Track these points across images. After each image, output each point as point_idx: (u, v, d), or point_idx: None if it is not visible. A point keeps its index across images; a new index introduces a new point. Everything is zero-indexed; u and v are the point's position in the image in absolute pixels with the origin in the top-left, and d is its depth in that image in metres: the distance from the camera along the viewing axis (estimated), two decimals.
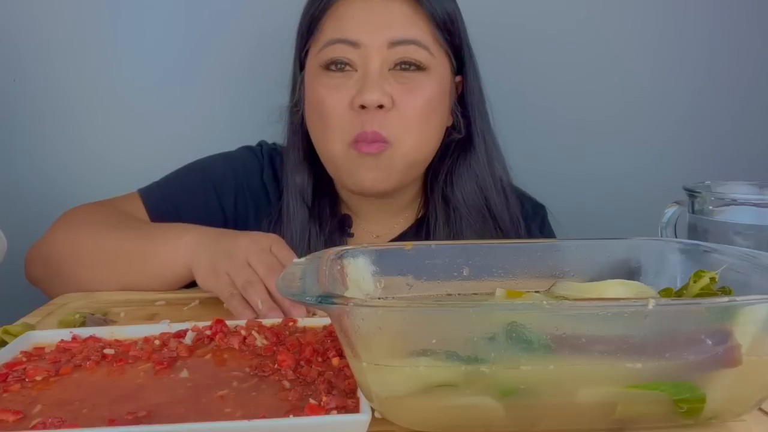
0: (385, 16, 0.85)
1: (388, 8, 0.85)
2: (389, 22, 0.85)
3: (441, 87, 0.88)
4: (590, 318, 0.41)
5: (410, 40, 0.84)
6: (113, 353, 0.54)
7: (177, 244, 0.77)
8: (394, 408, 0.43)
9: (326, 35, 0.86)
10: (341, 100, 0.84)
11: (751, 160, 1.33)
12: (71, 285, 0.81)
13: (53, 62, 1.23)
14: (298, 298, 0.41)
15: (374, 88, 0.82)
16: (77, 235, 0.84)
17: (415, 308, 0.42)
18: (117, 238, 0.82)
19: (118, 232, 0.83)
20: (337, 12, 0.86)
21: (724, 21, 1.33)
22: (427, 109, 0.86)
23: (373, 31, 0.84)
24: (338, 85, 0.85)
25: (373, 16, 0.85)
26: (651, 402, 0.42)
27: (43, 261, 0.86)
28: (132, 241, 0.81)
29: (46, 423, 0.42)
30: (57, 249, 0.84)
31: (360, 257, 0.55)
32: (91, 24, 1.23)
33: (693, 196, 0.75)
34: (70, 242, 0.84)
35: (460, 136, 0.93)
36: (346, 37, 0.84)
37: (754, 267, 0.49)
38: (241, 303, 0.68)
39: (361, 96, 0.82)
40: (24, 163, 1.24)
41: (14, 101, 1.23)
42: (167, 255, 0.77)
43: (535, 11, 1.28)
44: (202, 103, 1.27)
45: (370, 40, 0.84)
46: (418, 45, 0.85)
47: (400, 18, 0.85)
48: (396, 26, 0.84)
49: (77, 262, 0.82)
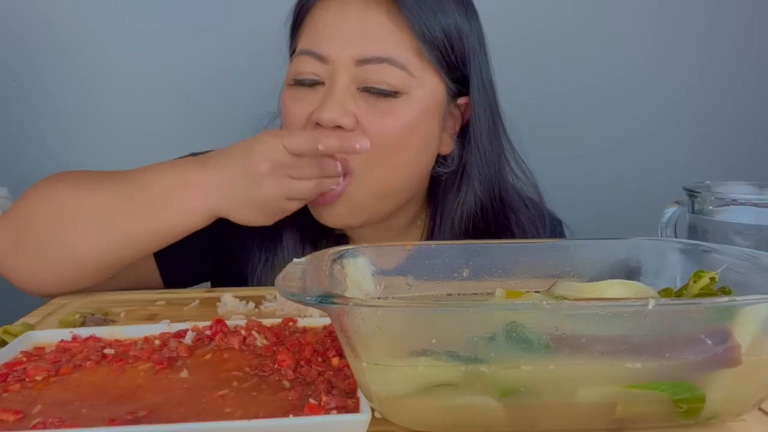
0: (358, 27, 0.75)
1: (364, 17, 0.75)
2: (361, 35, 0.75)
3: (424, 112, 0.77)
4: (590, 318, 0.41)
5: (382, 58, 0.74)
6: (113, 353, 0.54)
7: (187, 197, 0.70)
8: (394, 408, 0.43)
9: (301, 43, 0.80)
10: (299, 114, 0.77)
11: (751, 160, 1.33)
12: (52, 252, 0.71)
13: (53, 62, 1.23)
14: (298, 298, 0.41)
15: (333, 106, 0.73)
16: (58, 193, 0.73)
17: (415, 308, 0.42)
18: (107, 190, 0.72)
19: (107, 186, 0.73)
20: (314, 17, 0.79)
21: (724, 21, 1.33)
22: (399, 135, 0.76)
23: (342, 44, 0.75)
24: (301, 97, 0.78)
25: (345, 27, 0.76)
26: (651, 402, 0.42)
27: (14, 229, 0.73)
28: (125, 197, 0.71)
29: (46, 423, 0.42)
30: (33, 212, 0.72)
31: (360, 257, 0.55)
32: (91, 25, 1.23)
33: (693, 196, 0.75)
34: (49, 202, 0.72)
35: (450, 168, 0.83)
36: (314, 50, 0.77)
37: (754, 267, 0.49)
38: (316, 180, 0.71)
39: (318, 113, 0.74)
40: (24, 163, 1.24)
41: (14, 101, 1.23)
42: (177, 212, 0.70)
43: (533, 11, 1.28)
44: (200, 106, 1.27)
45: (337, 55, 0.75)
46: (391, 63, 0.74)
47: (376, 30, 0.75)
48: (368, 40, 0.75)
49: (61, 221, 0.71)
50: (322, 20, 0.78)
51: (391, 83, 0.75)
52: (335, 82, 0.75)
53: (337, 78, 0.75)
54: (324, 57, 0.76)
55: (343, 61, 0.75)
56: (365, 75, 0.75)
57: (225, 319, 0.60)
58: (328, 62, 0.76)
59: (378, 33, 0.75)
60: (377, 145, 0.74)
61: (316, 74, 0.77)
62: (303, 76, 0.77)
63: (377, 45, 0.75)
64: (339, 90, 0.75)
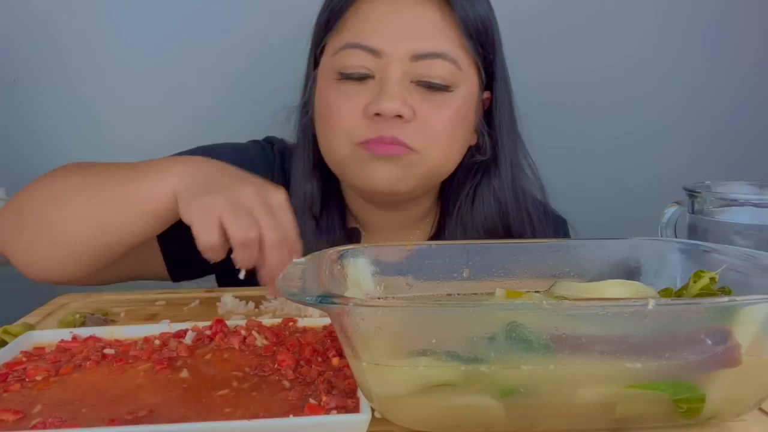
0: (412, 23, 0.77)
1: (416, 13, 0.77)
2: (415, 30, 0.77)
3: (467, 104, 0.81)
4: (590, 318, 0.41)
5: (437, 53, 0.77)
6: (113, 353, 0.54)
7: (163, 172, 0.68)
8: (394, 408, 0.43)
9: (345, 36, 0.79)
10: (353, 108, 0.78)
11: (751, 160, 1.33)
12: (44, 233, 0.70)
13: (53, 62, 1.23)
14: (298, 298, 0.41)
15: (393, 97, 0.75)
16: (53, 179, 0.74)
17: (415, 308, 0.42)
18: (96, 174, 0.72)
19: (99, 170, 0.73)
20: (359, 11, 0.79)
21: (725, 20, 1.33)
22: (452, 126, 0.80)
23: (397, 39, 0.76)
24: (352, 93, 0.78)
25: (399, 22, 0.77)
26: (651, 402, 0.42)
27: (14, 215, 0.74)
28: (111, 175, 0.71)
29: (46, 423, 0.42)
30: (29, 196, 0.74)
31: (360, 257, 0.55)
32: (92, 24, 1.23)
33: (693, 196, 0.75)
34: (44, 186, 0.74)
35: (484, 158, 0.86)
36: (366, 44, 0.77)
37: (754, 267, 0.49)
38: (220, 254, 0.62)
39: (377, 104, 0.75)
40: (24, 163, 1.24)
41: (14, 101, 1.23)
42: (150, 185, 0.67)
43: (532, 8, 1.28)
44: (206, 103, 1.27)
45: (393, 50, 0.76)
46: (445, 59, 0.77)
47: (429, 26, 0.77)
48: (422, 36, 0.77)
49: (50, 201, 0.71)
50: (373, 14, 0.78)
51: (445, 77, 0.78)
52: (389, 75, 0.76)
53: (390, 71, 0.77)
54: (377, 51, 0.77)
55: (398, 55, 0.76)
56: (420, 69, 0.77)
57: (225, 319, 0.60)
58: (381, 56, 0.77)
59: (431, 29, 0.78)
60: (434, 130, 0.78)
61: (366, 68, 0.77)
62: (352, 69, 0.78)
63: (431, 41, 0.77)
64: (395, 82, 0.76)
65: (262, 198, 0.63)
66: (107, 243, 0.71)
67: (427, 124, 0.78)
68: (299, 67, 0.91)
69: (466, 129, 0.83)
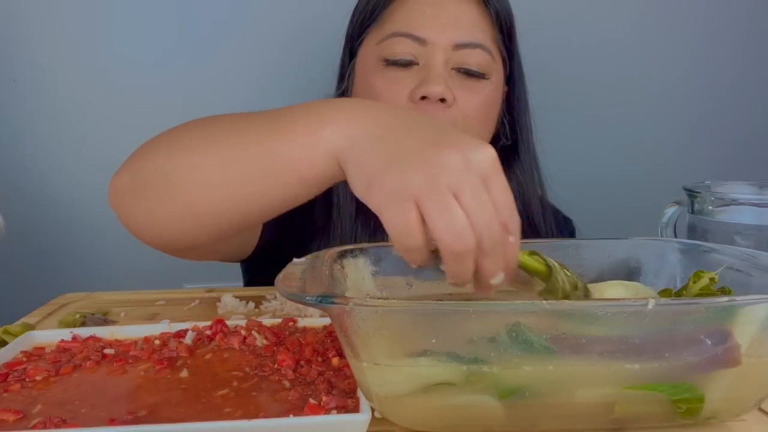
0: (454, 15, 0.84)
1: (458, 7, 0.84)
2: (457, 22, 0.84)
3: (497, 90, 0.88)
4: (590, 318, 0.41)
5: (476, 44, 0.83)
6: (113, 353, 0.54)
7: (317, 126, 0.53)
8: (394, 408, 0.43)
9: (391, 26, 0.85)
10: (400, 92, 0.82)
11: (751, 160, 1.33)
12: (170, 195, 0.60)
13: (53, 62, 1.23)
14: (298, 297, 0.41)
15: (439, 81, 0.80)
16: (184, 131, 0.64)
17: (415, 308, 0.42)
18: (234, 127, 0.60)
19: (238, 122, 0.60)
20: (405, 4, 0.85)
21: (724, 21, 1.33)
22: (486, 111, 0.86)
23: (441, 29, 0.83)
24: (398, 78, 0.83)
25: (443, 14, 0.84)
26: (650, 402, 0.42)
27: (134, 169, 0.64)
28: (249, 130, 0.58)
29: (46, 423, 0.42)
30: (154, 150, 0.63)
31: (360, 257, 0.55)
32: (93, 24, 1.23)
33: (693, 196, 0.75)
34: (172, 140, 0.64)
35: (507, 143, 0.93)
36: (413, 33, 0.83)
37: (754, 267, 0.49)
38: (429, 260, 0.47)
39: (424, 87, 0.80)
40: (24, 163, 1.24)
41: (14, 101, 1.23)
42: (301, 142, 0.54)
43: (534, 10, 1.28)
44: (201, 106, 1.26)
45: (438, 39, 0.82)
46: (482, 49, 0.84)
47: (469, 18, 0.84)
48: (464, 27, 0.84)
49: (180, 158, 0.60)
50: (419, 6, 0.84)
51: (481, 65, 0.84)
52: (433, 62, 0.82)
53: (434, 59, 0.82)
54: (424, 39, 0.82)
55: (442, 44, 0.82)
56: (460, 58, 0.83)
57: (225, 319, 0.60)
58: (426, 44, 0.83)
59: (470, 21, 0.85)
60: (470, 117, 0.84)
61: (412, 55, 0.83)
62: (399, 56, 0.83)
63: (472, 32, 0.84)
64: (439, 69, 0.82)
65: (472, 167, 0.46)
66: (243, 212, 0.59)
67: (464, 110, 0.83)
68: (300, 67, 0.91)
69: (495, 115, 0.90)
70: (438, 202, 0.44)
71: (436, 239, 0.45)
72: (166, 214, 0.61)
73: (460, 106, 0.83)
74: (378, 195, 0.47)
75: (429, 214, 0.44)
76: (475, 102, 0.84)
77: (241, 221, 0.60)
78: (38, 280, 1.20)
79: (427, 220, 0.44)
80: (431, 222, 0.44)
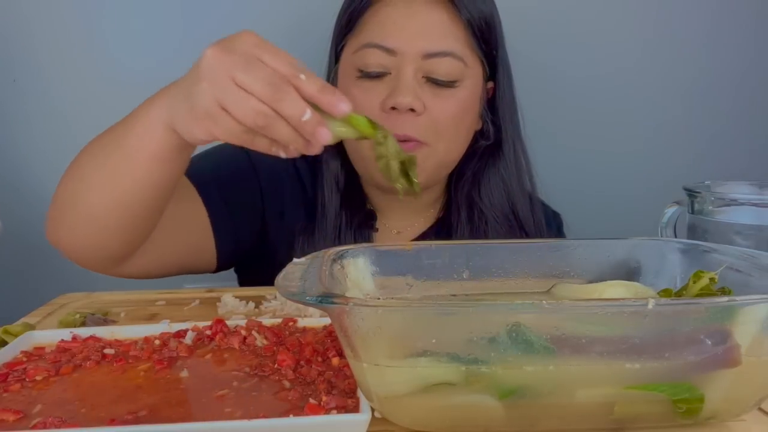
0: (424, 24, 0.84)
1: (428, 16, 0.84)
2: (427, 31, 0.84)
3: (472, 95, 0.88)
4: (590, 318, 0.41)
5: (446, 52, 0.84)
6: (113, 353, 0.54)
7: (148, 109, 0.63)
8: (394, 408, 0.43)
9: (364, 37, 0.86)
10: (372, 102, 0.84)
11: (751, 160, 1.33)
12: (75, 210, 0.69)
13: (54, 62, 1.23)
14: (298, 297, 0.41)
15: (408, 92, 0.82)
16: (78, 155, 0.72)
17: (415, 308, 0.42)
18: (102, 137, 0.70)
19: (106, 132, 0.70)
20: (378, 14, 0.86)
21: (724, 21, 1.33)
22: (457, 115, 0.86)
23: (411, 39, 0.83)
24: (370, 88, 0.85)
25: (412, 24, 0.84)
26: (650, 402, 0.42)
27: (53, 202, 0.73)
28: (110, 134, 0.68)
29: (46, 423, 0.42)
30: (62, 179, 0.73)
31: (360, 257, 0.55)
32: (93, 24, 1.23)
33: (693, 196, 0.75)
34: (71, 165, 0.72)
35: (488, 142, 0.93)
36: (383, 44, 0.84)
37: (754, 267, 0.49)
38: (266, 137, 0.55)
39: (393, 98, 0.82)
40: (24, 163, 1.24)
41: (14, 101, 1.23)
42: (142, 128, 0.63)
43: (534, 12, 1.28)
44: None
45: (407, 48, 0.83)
46: (453, 57, 0.84)
47: (439, 27, 0.84)
48: (433, 37, 0.84)
49: (74, 177, 0.70)
50: (389, 17, 0.85)
51: (453, 74, 0.84)
52: (403, 72, 0.83)
53: (404, 69, 0.83)
54: (392, 50, 0.83)
55: (411, 54, 0.83)
56: (430, 66, 0.84)
57: (225, 319, 0.60)
58: (396, 54, 0.83)
59: (441, 30, 0.84)
60: (441, 123, 0.85)
61: (383, 65, 0.84)
62: (371, 68, 0.84)
63: (441, 40, 0.84)
64: (408, 79, 0.83)
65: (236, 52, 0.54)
66: (126, 203, 0.67)
67: (435, 117, 0.84)
68: None
69: (471, 119, 0.90)
70: (224, 94, 0.53)
71: (243, 123, 0.54)
72: (79, 230, 0.69)
73: (431, 113, 0.84)
74: (192, 121, 0.57)
75: (226, 108, 0.54)
76: (446, 109, 0.85)
77: (127, 213, 0.67)
78: (38, 280, 1.20)
79: (244, 85, 0.53)
80: (232, 114, 0.54)
